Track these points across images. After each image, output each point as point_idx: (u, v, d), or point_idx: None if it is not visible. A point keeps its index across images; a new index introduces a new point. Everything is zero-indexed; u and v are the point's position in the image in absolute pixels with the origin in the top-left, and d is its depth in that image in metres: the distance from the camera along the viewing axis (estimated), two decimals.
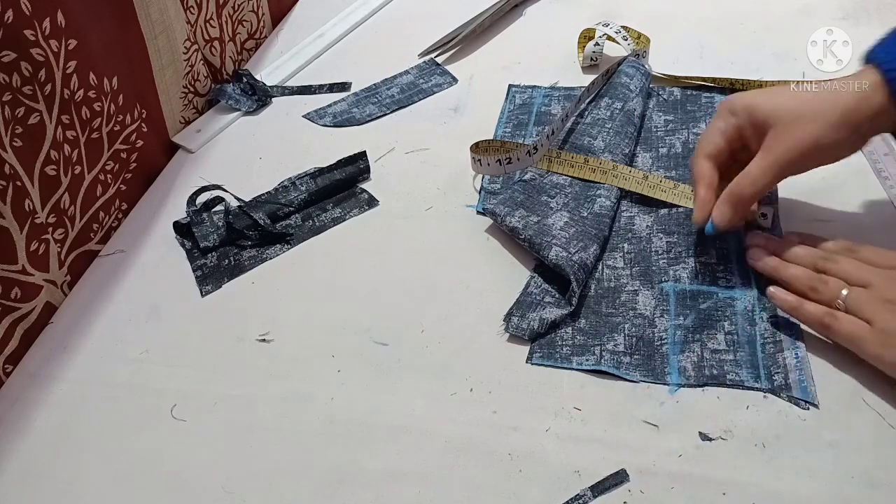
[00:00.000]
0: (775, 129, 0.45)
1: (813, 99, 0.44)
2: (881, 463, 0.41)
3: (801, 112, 0.44)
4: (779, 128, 0.44)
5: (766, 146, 0.45)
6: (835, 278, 0.45)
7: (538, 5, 0.84)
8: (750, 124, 0.47)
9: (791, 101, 0.45)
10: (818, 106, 0.44)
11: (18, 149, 0.51)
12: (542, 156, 0.60)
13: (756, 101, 0.47)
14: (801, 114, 0.44)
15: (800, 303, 0.45)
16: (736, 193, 0.47)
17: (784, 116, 0.44)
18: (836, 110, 0.44)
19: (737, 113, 0.47)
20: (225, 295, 0.56)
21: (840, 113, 0.44)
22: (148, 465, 0.46)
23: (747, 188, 0.46)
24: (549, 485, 0.42)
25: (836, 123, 0.44)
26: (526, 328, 0.50)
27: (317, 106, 0.73)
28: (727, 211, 0.47)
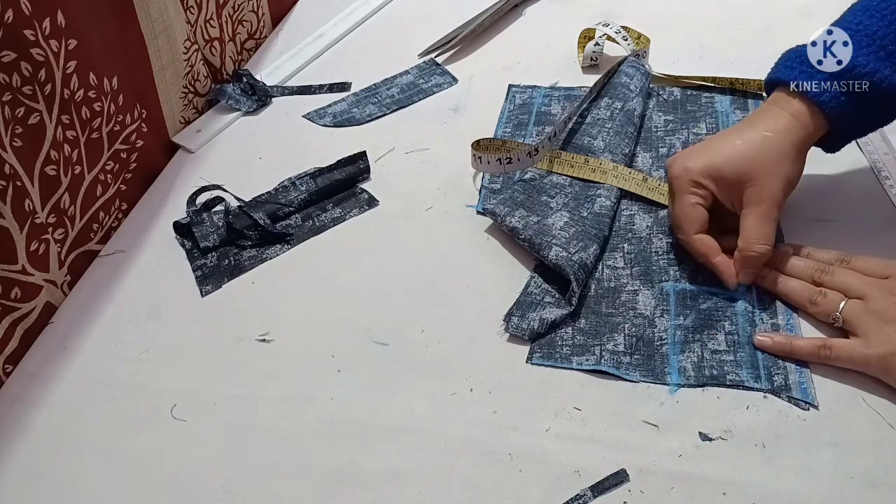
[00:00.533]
0: (753, 185, 0.47)
1: (766, 144, 0.48)
2: (881, 463, 0.41)
3: (765, 160, 0.47)
4: (755, 182, 0.47)
5: (752, 201, 0.48)
6: (834, 291, 0.46)
7: (538, 5, 0.84)
8: (722, 188, 0.49)
9: (749, 154, 0.48)
10: (775, 148, 0.47)
11: (18, 149, 0.51)
12: (543, 157, 0.60)
13: (717, 165, 0.48)
14: (765, 162, 0.47)
15: (791, 343, 0.45)
16: (751, 255, 0.48)
17: (754, 171, 0.47)
18: (789, 147, 0.47)
19: (703, 184, 0.49)
20: (225, 295, 0.56)
21: (793, 147, 0.48)
22: (148, 465, 0.46)
23: (759, 246, 0.48)
24: (549, 485, 0.42)
25: (795, 157, 0.48)
26: (526, 328, 0.50)
27: (317, 106, 0.73)
28: (751, 272, 0.49)
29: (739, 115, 0.65)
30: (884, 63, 0.46)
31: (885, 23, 0.46)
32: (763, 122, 0.49)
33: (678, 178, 0.50)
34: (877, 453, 0.42)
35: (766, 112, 0.49)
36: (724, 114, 0.65)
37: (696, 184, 0.49)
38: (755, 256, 0.48)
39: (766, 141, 0.47)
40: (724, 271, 0.49)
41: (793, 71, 0.48)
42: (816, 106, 0.47)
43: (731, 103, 0.66)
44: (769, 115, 0.49)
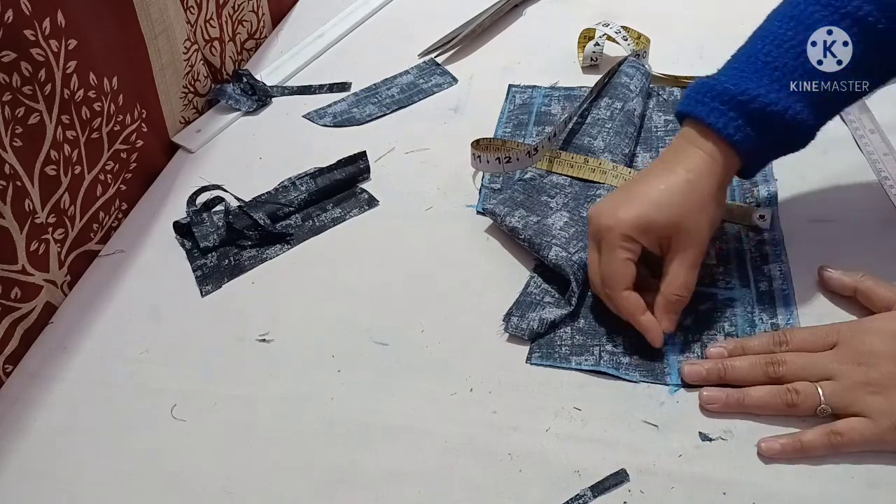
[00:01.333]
0: (681, 233, 0.46)
1: (691, 189, 0.46)
2: (881, 463, 0.41)
3: (692, 207, 0.46)
4: (683, 230, 0.46)
5: (679, 248, 0.47)
6: (803, 383, 0.43)
7: (538, 5, 0.84)
8: (653, 240, 0.47)
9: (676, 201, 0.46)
10: (700, 194, 0.46)
11: (18, 149, 0.51)
12: (543, 156, 0.60)
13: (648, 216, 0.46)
14: (692, 208, 0.46)
15: (800, 442, 0.42)
16: (674, 300, 0.47)
17: (683, 219, 0.46)
18: (713, 188, 0.47)
19: (634, 237, 0.46)
20: (225, 295, 0.56)
21: (717, 188, 0.47)
22: (148, 465, 0.46)
23: (685, 292, 0.47)
24: (549, 485, 0.42)
25: (717, 198, 0.47)
26: (526, 328, 0.50)
27: (317, 106, 0.73)
28: (674, 317, 0.48)
29: None
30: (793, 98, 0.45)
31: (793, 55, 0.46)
32: (680, 163, 0.47)
33: (609, 232, 0.47)
34: (877, 453, 0.42)
35: (682, 151, 0.48)
36: None
37: (627, 238, 0.46)
38: (676, 301, 0.47)
39: (690, 186, 0.46)
40: (650, 330, 0.47)
41: (705, 107, 0.47)
42: (730, 146, 0.46)
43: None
44: (686, 156, 0.47)
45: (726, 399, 0.44)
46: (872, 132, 0.61)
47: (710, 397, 0.45)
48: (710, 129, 0.47)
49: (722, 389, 0.45)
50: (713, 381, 0.45)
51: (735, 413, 0.44)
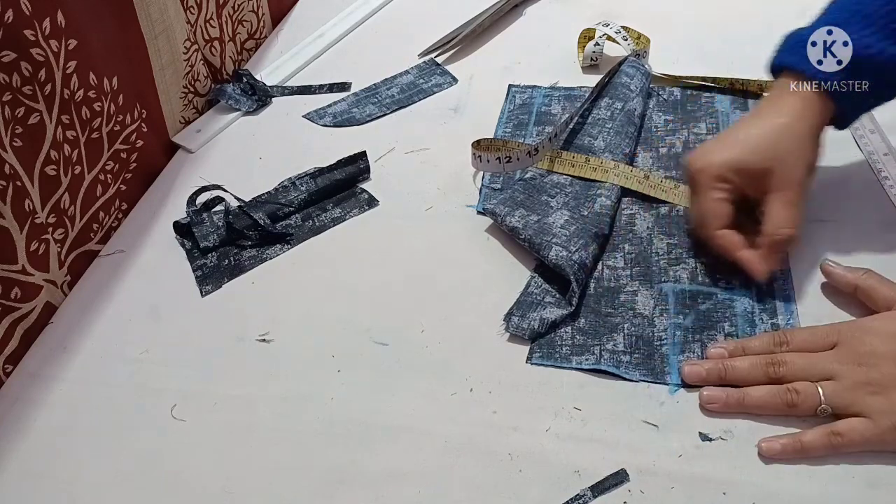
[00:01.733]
0: (776, 172, 0.48)
1: (785, 132, 0.48)
2: (881, 463, 0.41)
3: (786, 148, 0.48)
4: (779, 171, 0.48)
5: (777, 188, 0.48)
6: (803, 383, 0.43)
7: (538, 5, 0.84)
8: (748, 181, 0.49)
9: (769, 143, 0.48)
10: (793, 134, 0.48)
11: (18, 149, 0.51)
12: (543, 156, 0.60)
13: (740, 158, 0.49)
14: (786, 150, 0.48)
15: (800, 443, 0.42)
16: (779, 239, 0.48)
17: (777, 160, 0.48)
18: (806, 131, 0.48)
19: (728, 178, 0.49)
20: (225, 295, 0.56)
21: (810, 131, 0.48)
22: (148, 465, 0.46)
23: (786, 229, 0.48)
24: (549, 485, 0.42)
25: (812, 141, 0.49)
26: (526, 328, 0.50)
27: (317, 106, 0.73)
28: (777, 256, 0.49)
29: (739, 115, 0.65)
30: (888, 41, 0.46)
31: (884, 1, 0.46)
32: (776, 109, 0.49)
33: (701, 173, 0.49)
34: (877, 453, 0.42)
35: (776, 99, 0.50)
36: (724, 114, 0.65)
37: (720, 178, 0.49)
38: (782, 240, 0.48)
39: (784, 128, 0.48)
40: (749, 262, 0.49)
41: (796, 55, 0.49)
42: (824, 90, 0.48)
43: (731, 103, 0.66)
44: (781, 102, 0.49)
45: (726, 399, 0.44)
46: (872, 132, 0.61)
47: (710, 397, 0.45)
48: (801, 75, 0.48)
49: (722, 389, 0.45)
50: (713, 382, 0.45)
51: (735, 413, 0.44)
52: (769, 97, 0.51)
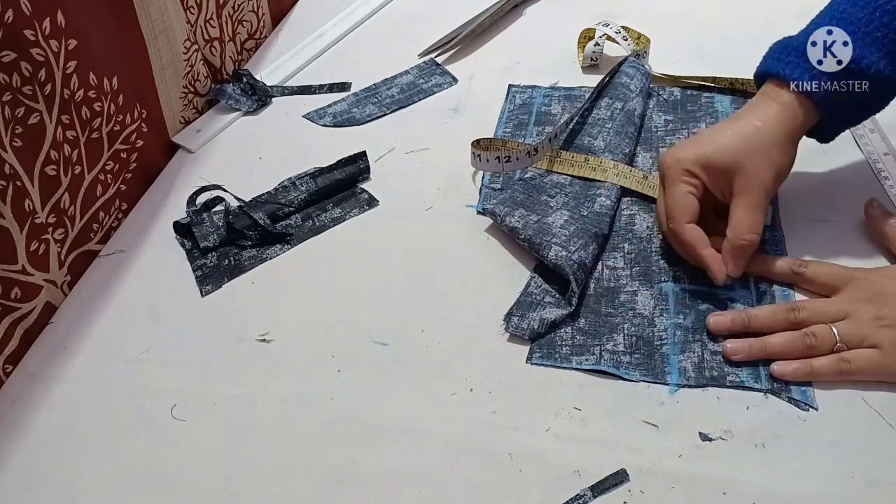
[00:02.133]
0: (741, 174, 0.48)
1: (755, 134, 0.48)
2: (881, 463, 0.41)
3: (754, 150, 0.48)
4: (744, 172, 0.47)
5: (741, 190, 0.48)
6: (819, 326, 0.46)
7: (538, 5, 0.84)
8: (713, 178, 0.49)
9: (738, 144, 0.48)
10: (764, 139, 0.48)
11: (18, 149, 0.51)
12: (543, 157, 0.60)
13: (707, 155, 0.49)
14: (754, 152, 0.48)
15: (810, 366, 0.45)
16: (740, 245, 0.48)
17: (743, 161, 0.47)
18: (780, 136, 0.48)
19: (694, 172, 0.49)
20: (225, 295, 0.56)
21: (783, 137, 0.48)
22: (148, 465, 0.46)
23: (749, 235, 0.48)
24: (549, 485, 0.42)
25: (784, 147, 0.48)
26: (526, 328, 0.50)
27: (317, 106, 0.73)
28: (740, 262, 0.49)
29: None
30: (869, 49, 0.46)
31: (869, 10, 0.46)
32: (753, 113, 0.49)
33: (670, 168, 0.50)
34: (877, 453, 0.42)
35: (756, 104, 0.50)
36: (724, 114, 0.65)
37: (687, 172, 0.49)
38: (744, 246, 0.48)
39: (756, 131, 0.48)
40: (712, 264, 0.48)
41: (780, 62, 0.49)
42: (805, 96, 0.48)
43: (731, 103, 0.66)
44: (759, 107, 0.49)
45: (749, 349, 0.46)
46: (872, 132, 0.61)
47: (734, 348, 0.46)
48: (785, 81, 0.48)
49: (744, 340, 0.47)
50: (738, 330, 0.47)
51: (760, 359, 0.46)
52: (750, 102, 0.51)
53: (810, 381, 0.45)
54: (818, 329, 0.45)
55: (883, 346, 0.44)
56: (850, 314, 0.46)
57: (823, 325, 0.46)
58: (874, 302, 0.45)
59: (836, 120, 0.50)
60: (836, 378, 0.44)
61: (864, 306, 0.45)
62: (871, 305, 0.45)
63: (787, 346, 0.46)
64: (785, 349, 0.46)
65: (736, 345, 0.47)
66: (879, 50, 0.46)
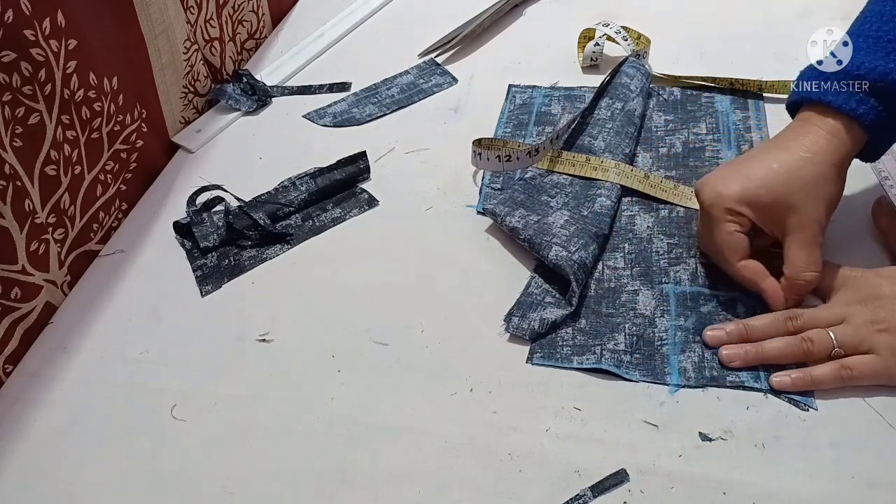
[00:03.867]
0: (793, 213, 0.46)
1: (805, 167, 0.46)
2: (881, 463, 0.41)
3: (805, 185, 0.45)
4: (795, 210, 0.46)
5: (795, 229, 0.46)
6: (816, 331, 0.45)
7: (538, 5, 0.84)
8: (760, 215, 0.47)
9: (786, 179, 0.46)
10: (814, 171, 0.46)
11: (18, 149, 0.51)
12: (543, 157, 0.60)
13: (753, 192, 0.46)
14: (805, 187, 0.45)
15: (810, 376, 0.44)
16: (801, 285, 0.47)
17: (794, 198, 0.45)
18: (829, 167, 0.46)
19: (740, 211, 0.47)
20: (225, 295, 0.56)
21: (834, 167, 0.46)
22: (148, 465, 0.46)
23: (808, 274, 0.46)
24: (549, 485, 0.42)
25: (835, 178, 0.46)
26: (526, 328, 0.50)
27: (317, 106, 0.73)
28: (798, 298, 0.48)
29: (739, 115, 0.65)
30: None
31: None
32: (798, 142, 0.46)
33: (712, 207, 0.47)
34: (877, 453, 0.42)
35: (799, 131, 0.47)
36: (724, 114, 0.65)
37: (732, 212, 0.47)
38: (804, 285, 0.47)
39: (805, 163, 0.46)
40: (772, 296, 0.47)
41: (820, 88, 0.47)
42: (854, 120, 0.45)
43: (731, 103, 0.66)
44: (804, 135, 0.47)
45: (745, 355, 0.46)
46: None
47: (729, 355, 0.46)
48: (829, 108, 0.46)
49: (740, 346, 0.46)
50: (735, 342, 0.47)
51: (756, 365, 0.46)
52: (790, 128, 0.48)
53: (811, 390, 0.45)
54: (815, 334, 0.45)
55: (880, 351, 0.44)
56: (846, 318, 0.45)
57: (820, 329, 0.45)
58: (870, 304, 0.45)
59: (883, 136, 0.47)
60: (836, 385, 0.44)
61: (860, 309, 0.45)
62: (867, 308, 0.45)
63: (783, 351, 0.45)
64: (782, 354, 0.46)
65: (732, 351, 0.46)
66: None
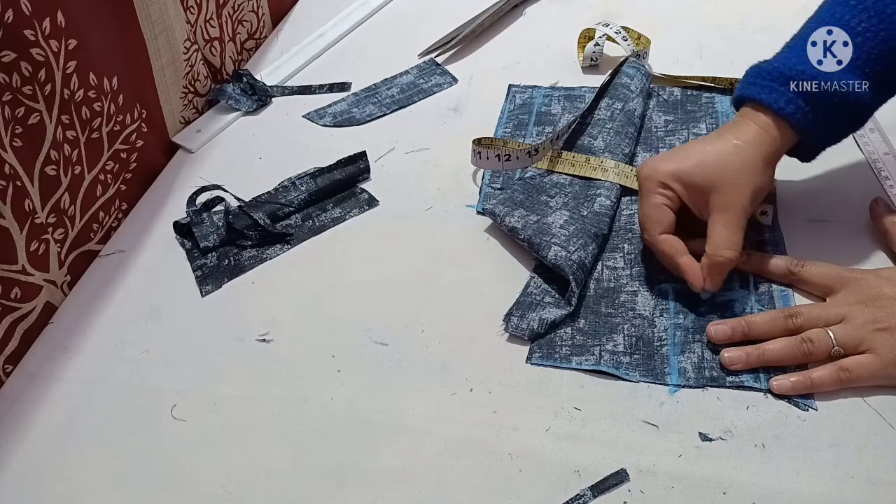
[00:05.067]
0: (718, 192, 0.48)
1: (735, 153, 0.48)
2: (881, 463, 0.41)
3: (733, 169, 0.48)
4: (721, 190, 0.48)
5: (719, 208, 0.48)
6: (815, 331, 0.46)
7: (538, 5, 0.84)
8: (690, 193, 0.49)
9: (717, 162, 0.48)
10: (743, 157, 0.48)
11: (18, 149, 0.51)
12: (543, 157, 0.60)
13: (685, 170, 0.49)
14: (733, 170, 0.48)
15: (809, 379, 0.45)
16: (718, 261, 0.48)
17: (721, 179, 0.48)
18: (757, 157, 0.48)
19: (671, 186, 0.49)
20: (225, 295, 0.56)
21: (762, 158, 0.48)
22: (148, 465, 0.46)
23: (727, 252, 0.48)
24: (549, 485, 0.42)
25: (762, 168, 0.49)
26: (526, 328, 0.50)
27: (317, 106, 0.73)
28: (718, 279, 0.49)
29: None
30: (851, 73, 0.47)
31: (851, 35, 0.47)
32: (733, 133, 0.49)
33: (647, 180, 0.50)
34: (877, 453, 0.42)
35: (736, 125, 0.50)
36: (724, 114, 0.65)
37: (663, 185, 0.50)
38: (723, 262, 0.48)
39: (736, 149, 0.48)
40: (689, 272, 0.49)
41: (756, 86, 0.49)
42: (783, 119, 0.48)
43: (731, 103, 0.66)
44: (739, 126, 0.50)
45: (747, 358, 0.46)
46: (872, 132, 0.61)
47: (731, 358, 0.47)
48: (763, 106, 0.49)
49: (742, 349, 0.47)
50: (737, 338, 0.47)
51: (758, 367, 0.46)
52: (729, 122, 0.51)
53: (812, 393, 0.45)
54: (814, 334, 0.46)
55: (879, 350, 0.44)
56: (846, 317, 0.46)
57: (820, 329, 0.46)
58: (870, 304, 0.45)
59: (814, 141, 0.50)
60: (836, 387, 0.44)
61: (860, 309, 0.46)
62: (867, 308, 0.45)
63: (784, 353, 0.46)
64: (783, 356, 0.46)
65: (733, 354, 0.47)
66: (855, 72, 0.47)
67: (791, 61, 0.48)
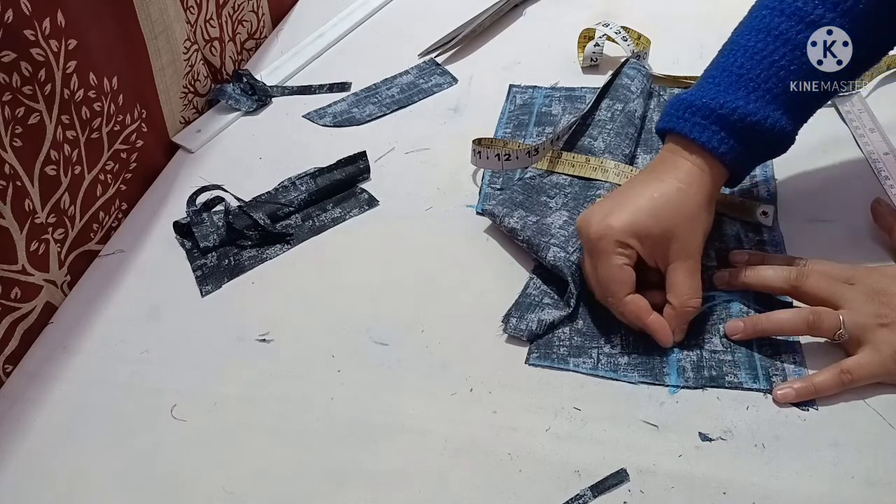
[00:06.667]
0: (677, 240, 0.47)
1: (683, 199, 0.47)
2: (881, 463, 0.41)
3: (686, 216, 0.47)
4: (679, 238, 0.47)
5: (680, 256, 0.47)
6: (825, 309, 0.46)
7: (538, 5, 0.84)
8: (648, 247, 0.47)
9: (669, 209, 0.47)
10: (691, 203, 0.47)
11: (18, 149, 0.51)
12: (543, 157, 0.60)
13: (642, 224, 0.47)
14: (686, 218, 0.47)
15: (812, 384, 0.44)
16: (685, 312, 0.47)
17: (676, 227, 0.47)
18: (702, 199, 0.48)
19: (628, 243, 0.47)
20: (225, 295, 0.56)
21: (706, 199, 0.48)
22: (148, 465, 0.46)
23: (695, 301, 0.47)
24: (549, 485, 0.42)
25: (707, 208, 0.48)
26: (524, 329, 0.50)
27: (317, 106, 0.73)
28: (685, 326, 0.48)
29: None
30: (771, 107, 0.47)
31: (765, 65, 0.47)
32: (673, 174, 0.48)
33: (601, 240, 0.47)
34: (877, 453, 0.42)
35: (671, 163, 0.49)
36: None
37: (621, 244, 0.47)
38: (690, 311, 0.47)
39: (681, 193, 0.47)
40: (659, 330, 0.47)
41: (687, 122, 0.49)
42: (716, 158, 0.48)
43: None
44: (677, 167, 0.48)
45: (745, 327, 0.47)
46: (872, 131, 0.61)
47: (730, 327, 0.48)
48: (694, 144, 0.48)
49: (741, 318, 0.48)
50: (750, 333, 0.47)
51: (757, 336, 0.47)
52: (661, 158, 0.50)
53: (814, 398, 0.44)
54: (824, 311, 0.46)
55: (879, 345, 0.44)
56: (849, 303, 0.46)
57: (829, 309, 0.46)
58: (875, 299, 0.45)
59: (742, 170, 0.50)
60: (839, 390, 0.44)
61: (866, 301, 0.46)
62: (872, 302, 0.45)
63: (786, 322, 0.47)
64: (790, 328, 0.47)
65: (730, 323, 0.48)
66: (780, 107, 0.47)
67: (719, 96, 0.48)
